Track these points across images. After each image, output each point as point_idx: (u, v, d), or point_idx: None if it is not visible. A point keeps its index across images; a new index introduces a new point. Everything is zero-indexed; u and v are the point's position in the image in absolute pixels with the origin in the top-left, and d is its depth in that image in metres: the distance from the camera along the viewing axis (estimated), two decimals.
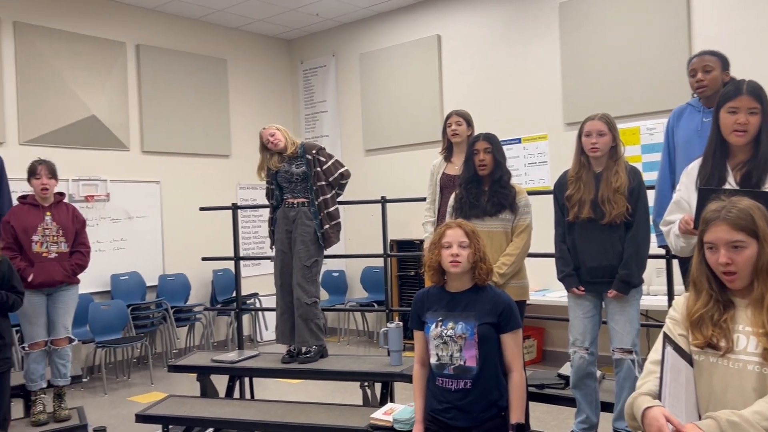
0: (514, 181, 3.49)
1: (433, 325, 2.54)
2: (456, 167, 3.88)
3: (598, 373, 3.37)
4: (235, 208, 5.06)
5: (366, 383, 4.03)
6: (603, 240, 3.04)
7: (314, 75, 8.30)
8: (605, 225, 3.03)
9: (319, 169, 4.21)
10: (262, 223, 7.96)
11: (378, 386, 4.11)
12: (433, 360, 2.56)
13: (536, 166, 6.32)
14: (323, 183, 4.21)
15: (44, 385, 4.05)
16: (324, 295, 7.62)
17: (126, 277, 6.74)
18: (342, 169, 4.30)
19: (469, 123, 3.99)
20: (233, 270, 7.39)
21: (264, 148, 4.28)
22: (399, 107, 7.39)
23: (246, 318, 7.39)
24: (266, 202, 4.45)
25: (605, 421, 3.28)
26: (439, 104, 7.01)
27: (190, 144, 7.42)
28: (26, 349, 4.00)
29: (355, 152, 7.83)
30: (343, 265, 7.84)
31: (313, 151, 4.23)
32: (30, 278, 3.89)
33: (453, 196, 3.52)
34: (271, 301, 7.17)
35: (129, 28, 6.98)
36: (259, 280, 7.47)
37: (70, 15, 6.53)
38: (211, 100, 7.65)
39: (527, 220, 3.35)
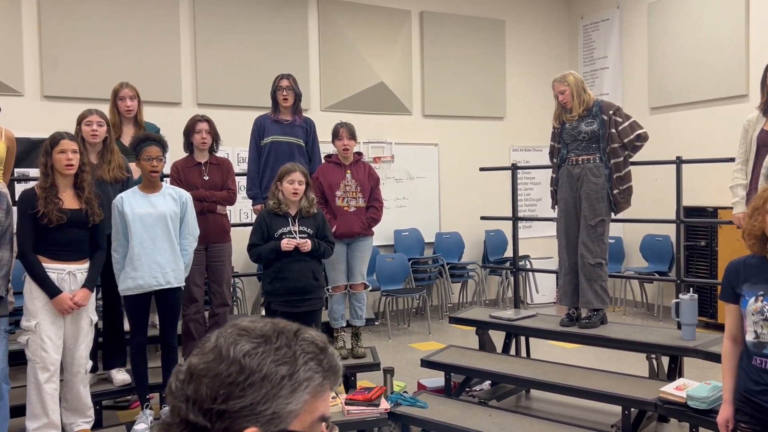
0: None
1: (752, 300, 2.27)
2: None
3: None
4: (514, 168, 5.07)
5: (653, 355, 3.80)
6: None
7: (595, 30, 7.87)
8: None
9: (614, 130, 4.01)
10: (534, 185, 7.89)
11: (665, 360, 3.86)
12: (749, 337, 2.29)
13: None
14: (617, 145, 4.00)
15: (344, 324, 4.55)
16: None
17: (407, 233, 7.23)
18: (640, 131, 4.03)
19: None
20: (506, 231, 7.55)
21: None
22: (693, 60, 6.66)
23: None
24: (542, 163, 4.37)
25: None
26: (744, 54, 6.14)
27: (466, 107, 7.61)
28: (330, 291, 4.52)
29: (639, 110, 7.23)
30: (619, 231, 7.43)
31: (610, 112, 4.04)
32: (333, 229, 4.36)
33: None
34: (541, 264, 7.15)
35: None
36: (531, 243, 7.46)
37: None
38: (487, 62, 7.72)
39: None
